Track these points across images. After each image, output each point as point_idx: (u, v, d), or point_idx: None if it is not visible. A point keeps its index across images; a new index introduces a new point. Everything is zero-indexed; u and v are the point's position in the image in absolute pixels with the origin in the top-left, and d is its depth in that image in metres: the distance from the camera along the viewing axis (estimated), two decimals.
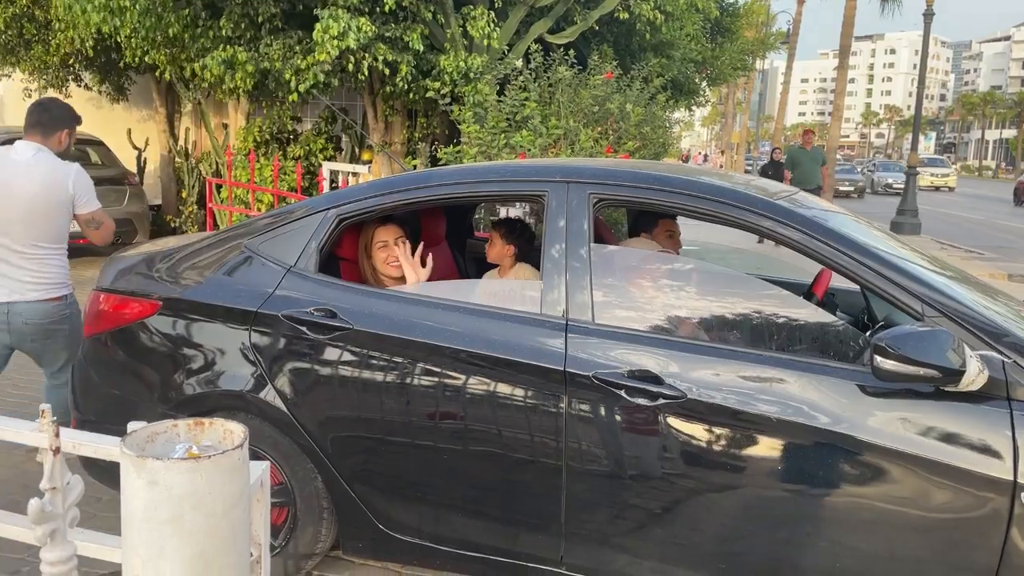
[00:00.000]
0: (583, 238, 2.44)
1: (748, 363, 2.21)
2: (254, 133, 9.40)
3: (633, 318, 2.43)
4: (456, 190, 2.63)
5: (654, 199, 2.44)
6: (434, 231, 3.57)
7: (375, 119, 9.33)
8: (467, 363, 2.40)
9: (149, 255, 2.94)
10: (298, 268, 2.68)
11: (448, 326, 2.45)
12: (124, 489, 0.99)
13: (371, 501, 2.56)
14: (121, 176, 9.21)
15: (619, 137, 6.36)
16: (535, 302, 2.43)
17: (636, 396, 2.24)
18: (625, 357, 2.28)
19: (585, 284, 2.40)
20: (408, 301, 2.56)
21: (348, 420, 2.53)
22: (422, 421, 2.45)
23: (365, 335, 2.50)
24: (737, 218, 2.35)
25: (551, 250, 2.45)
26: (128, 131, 11.04)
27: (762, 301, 2.47)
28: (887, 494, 2.05)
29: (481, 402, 2.39)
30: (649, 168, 2.69)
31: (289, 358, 2.58)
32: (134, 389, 2.80)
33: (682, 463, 2.22)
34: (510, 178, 2.62)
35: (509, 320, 2.43)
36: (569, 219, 2.47)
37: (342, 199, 2.73)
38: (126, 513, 0.98)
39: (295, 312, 2.58)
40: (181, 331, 2.73)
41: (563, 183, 2.51)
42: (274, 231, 2.77)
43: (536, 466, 2.34)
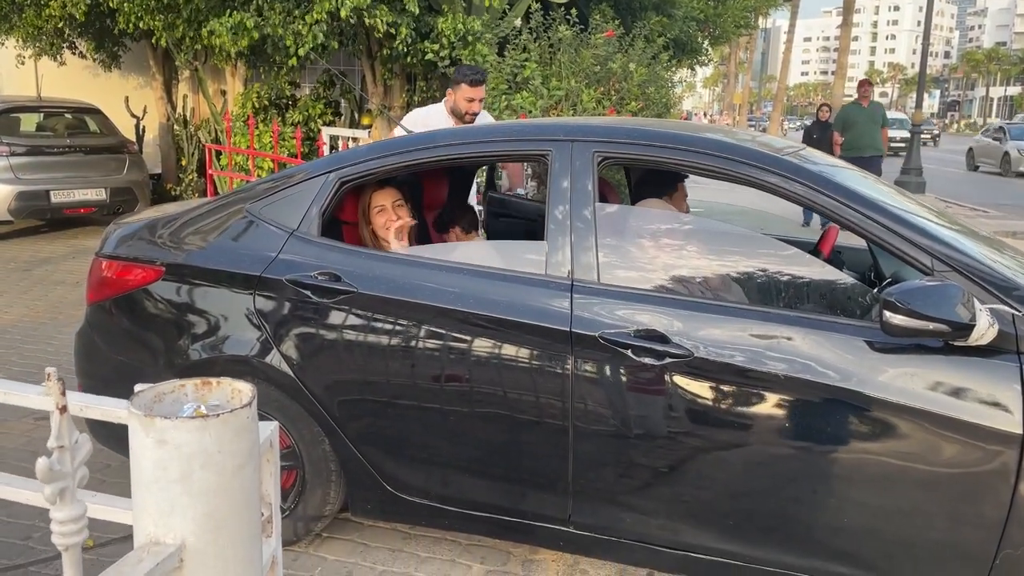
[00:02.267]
0: (588, 198, 2.41)
1: (756, 321, 2.20)
2: (252, 99, 9.30)
3: (639, 278, 2.41)
4: (458, 151, 2.59)
5: (660, 156, 2.40)
6: (436, 194, 3.54)
7: (374, 83, 9.22)
8: (472, 325, 2.39)
9: (151, 221, 2.92)
10: (301, 232, 2.66)
11: (453, 288, 2.44)
12: (133, 449, 0.98)
13: (379, 463, 2.57)
14: (120, 145, 9.14)
15: (622, 97, 6.29)
16: (540, 263, 2.42)
17: (643, 355, 2.23)
18: (631, 317, 2.27)
19: (590, 244, 2.38)
20: (412, 263, 2.55)
21: (354, 383, 2.53)
22: (428, 383, 2.44)
23: (370, 298, 2.49)
24: (743, 174, 2.32)
25: (555, 211, 2.43)
26: (126, 99, 10.93)
27: (769, 259, 2.46)
28: (895, 450, 2.05)
29: (487, 363, 2.38)
30: (654, 125, 2.65)
31: (294, 322, 2.57)
32: (139, 355, 2.80)
33: (689, 421, 2.22)
34: (513, 137, 2.59)
35: (514, 281, 2.41)
36: (573, 179, 2.44)
37: (343, 162, 2.70)
38: (135, 473, 0.98)
39: (299, 276, 2.57)
40: (185, 297, 2.72)
41: (567, 142, 2.48)
42: (276, 195, 2.74)
43: (543, 426, 2.35)
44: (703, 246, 2.54)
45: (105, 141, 9.03)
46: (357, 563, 2.64)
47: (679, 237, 2.56)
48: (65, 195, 8.44)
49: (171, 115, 10.84)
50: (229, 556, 0.99)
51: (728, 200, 3.95)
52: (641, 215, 2.71)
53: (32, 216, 8.45)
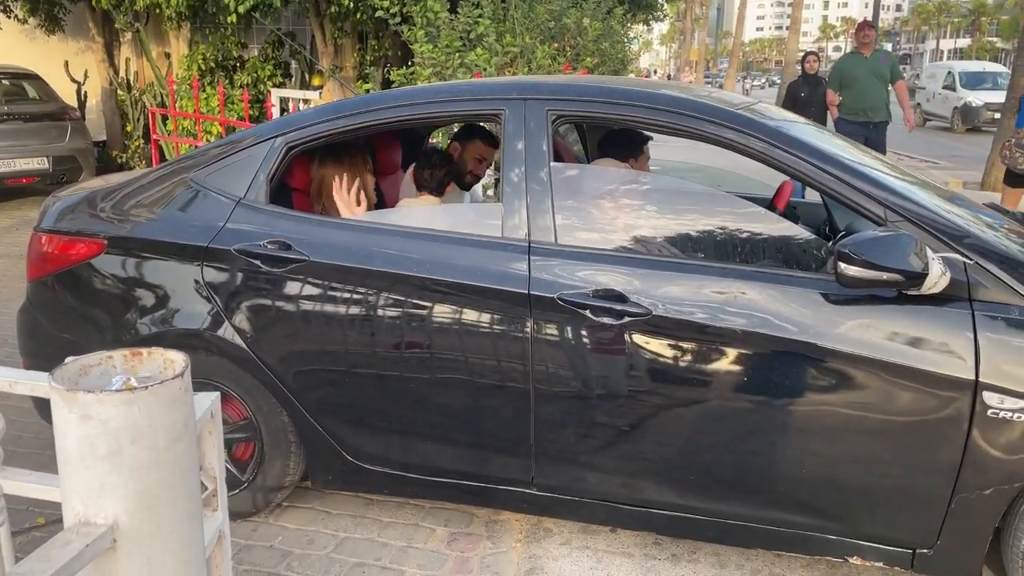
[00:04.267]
0: (543, 158, 2.37)
1: (713, 277, 2.19)
2: (198, 61, 8.99)
3: (597, 238, 2.38)
4: (408, 112, 2.52)
5: (615, 113, 2.36)
6: (390, 158, 3.47)
7: (324, 43, 8.96)
8: (429, 290, 2.35)
9: (91, 193, 2.81)
10: (248, 200, 2.58)
11: (407, 253, 2.39)
12: (56, 426, 0.93)
13: (338, 433, 2.53)
14: (61, 111, 8.80)
15: (577, 53, 6.19)
16: (496, 226, 2.37)
17: (601, 315, 2.21)
18: (590, 277, 2.25)
19: (547, 206, 2.34)
20: (365, 230, 2.49)
21: (309, 354, 2.48)
22: (386, 351, 2.40)
23: (322, 266, 2.43)
24: (699, 130, 2.29)
25: (510, 172, 2.38)
26: (65, 63, 10.50)
27: (725, 215, 2.44)
28: (852, 400, 2.07)
29: (445, 329, 2.35)
30: (609, 82, 2.61)
31: (245, 293, 2.50)
32: (85, 332, 2.71)
33: (649, 380, 2.22)
34: (464, 97, 2.52)
35: (470, 245, 2.37)
36: (528, 138, 2.39)
37: (289, 126, 2.61)
38: (61, 451, 0.93)
39: (247, 246, 2.49)
40: (130, 271, 2.63)
41: (520, 100, 2.42)
42: (220, 162, 2.65)
43: (504, 390, 2.33)
44: (660, 204, 2.52)
45: (45, 108, 8.68)
46: (318, 531, 2.61)
47: (636, 196, 2.53)
48: (5, 165, 8.13)
49: (114, 80, 10.47)
50: (166, 535, 0.95)
51: (684, 158, 3.92)
52: (597, 175, 2.68)
53: None
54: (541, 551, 2.50)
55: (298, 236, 2.48)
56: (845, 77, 7.67)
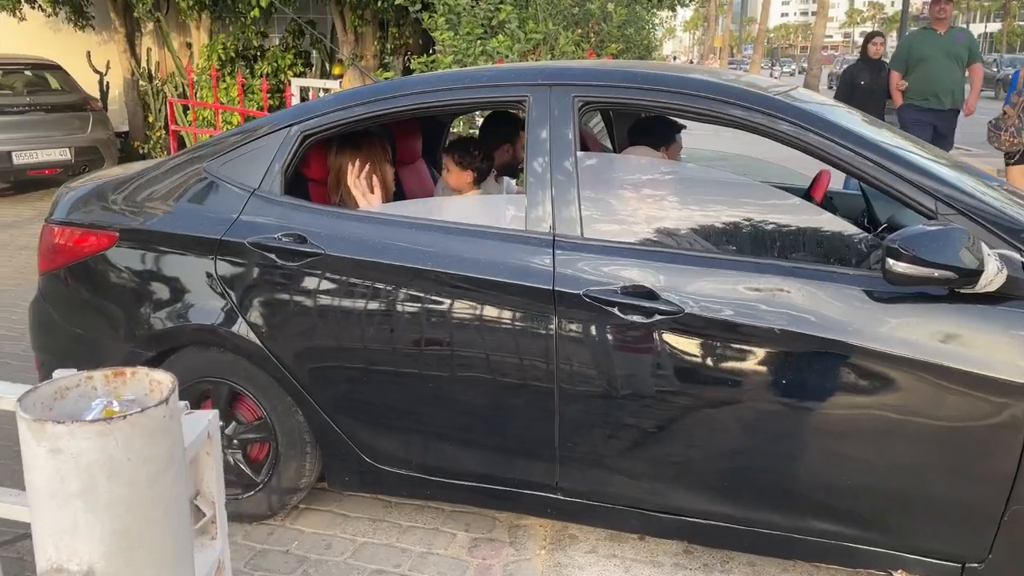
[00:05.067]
0: (568, 147, 2.25)
1: (748, 273, 2.06)
2: (218, 51, 8.93)
3: (625, 231, 2.27)
4: (427, 99, 2.41)
5: (643, 99, 2.23)
6: (409, 147, 3.36)
7: (344, 31, 8.86)
8: (448, 286, 2.25)
9: (103, 184, 2.73)
10: (262, 191, 2.48)
11: (427, 247, 2.29)
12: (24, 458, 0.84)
13: (355, 433, 2.44)
14: (83, 102, 8.79)
15: (601, 40, 6.04)
16: (520, 219, 2.26)
17: (630, 313, 2.10)
18: (617, 273, 2.13)
19: (572, 197, 2.22)
20: (384, 222, 2.39)
21: (325, 350, 2.39)
22: (404, 348, 2.31)
23: (339, 260, 2.34)
24: (730, 115, 2.16)
25: (534, 162, 2.27)
26: (87, 54, 10.50)
27: (760, 206, 2.32)
28: (899, 404, 1.94)
29: (465, 326, 2.24)
30: (637, 67, 2.48)
31: (259, 288, 2.42)
32: (97, 327, 2.64)
33: (681, 381, 2.10)
34: (487, 83, 2.40)
35: (491, 238, 2.26)
36: (553, 126, 2.27)
37: (305, 114, 2.51)
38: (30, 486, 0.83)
39: (262, 239, 2.40)
40: (142, 263, 2.55)
41: (545, 87, 2.30)
42: (234, 152, 2.56)
43: (527, 390, 2.22)
44: (692, 195, 2.39)
45: (67, 99, 8.68)
46: (336, 535, 2.53)
47: (666, 186, 2.41)
48: (28, 156, 8.14)
49: (136, 70, 10.45)
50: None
51: (712, 145, 3.77)
52: (625, 164, 2.55)
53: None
54: (566, 559, 2.40)
55: (314, 229, 2.39)
56: (913, 57, 6.63)
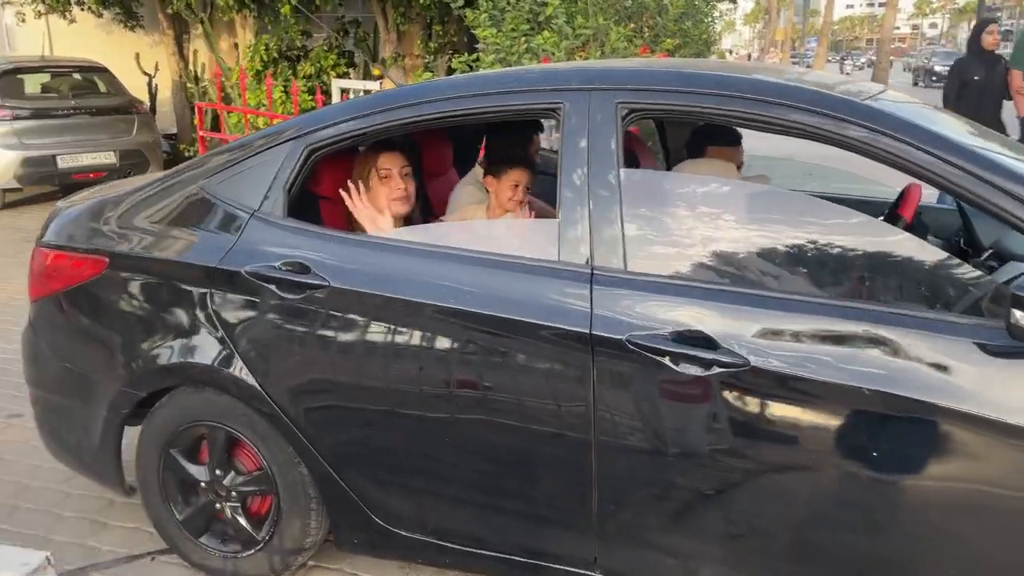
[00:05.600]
0: (611, 161, 1.90)
1: (831, 318, 1.69)
2: (260, 52, 8.77)
3: (678, 264, 1.91)
4: (449, 107, 2.08)
5: (700, 106, 1.86)
6: (438, 157, 3.05)
7: (386, 30, 8.61)
8: (468, 326, 1.92)
9: (96, 203, 2.48)
10: (263, 213, 2.19)
11: (444, 280, 1.96)
12: None
13: (364, 491, 2.13)
14: (129, 105, 8.72)
15: (656, 35, 5.65)
16: (551, 247, 1.92)
17: (684, 364, 1.74)
18: (668, 314, 1.78)
19: (614, 220, 1.87)
20: (395, 250, 2.07)
21: (329, 396, 2.09)
22: (418, 397, 1.99)
23: (345, 294, 2.03)
24: (816, 128, 1.77)
25: (570, 178, 1.92)
26: (136, 56, 10.49)
27: (844, 233, 1.93)
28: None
29: (489, 373, 1.92)
30: (692, 67, 2.11)
31: (256, 323, 2.12)
32: (87, 362, 2.39)
33: (746, 446, 1.74)
34: (516, 88, 2.06)
35: (519, 270, 1.92)
36: (592, 137, 1.92)
37: (311, 125, 2.21)
38: None
39: (260, 268, 2.11)
40: (132, 293, 2.29)
41: (583, 91, 1.95)
42: (233, 168, 2.27)
43: (559, 450, 1.88)
44: (759, 219, 2.01)
45: (112, 101, 8.62)
46: None
47: (727, 209, 2.03)
48: (72, 160, 8.09)
49: (183, 72, 10.39)
50: None
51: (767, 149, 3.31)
52: (678, 182, 2.18)
53: (40, 182, 8.12)
54: None
55: (318, 257, 2.09)
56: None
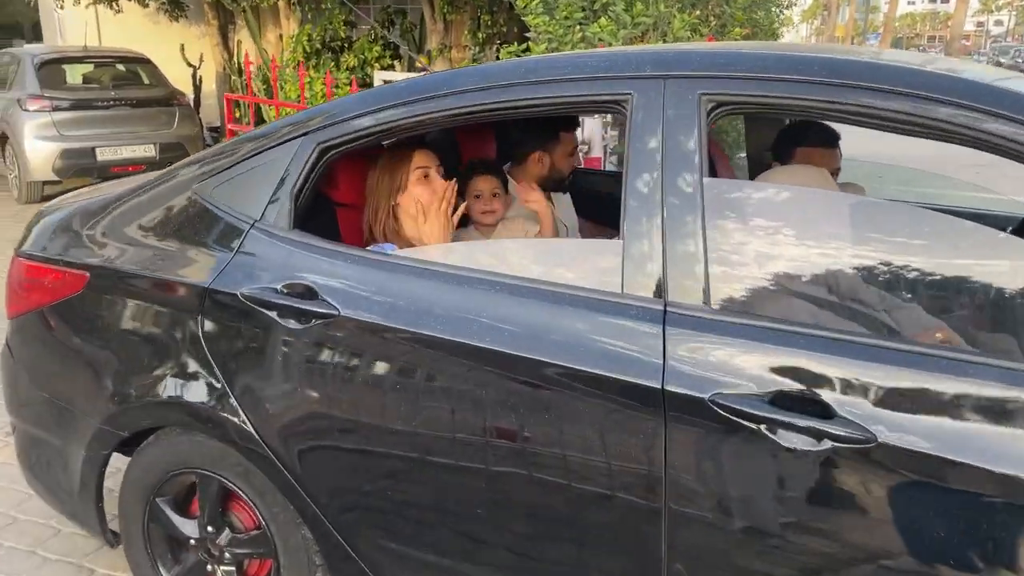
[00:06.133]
0: (691, 166, 1.49)
1: (985, 383, 1.26)
2: (303, 43, 8.49)
3: (779, 301, 1.50)
4: (484, 100, 1.68)
5: (817, 101, 1.43)
6: (478, 154, 2.66)
7: (432, 19, 8.24)
8: (507, 372, 1.53)
9: (80, 208, 2.15)
10: (265, 223, 1.83)
11: (480, 315, 1.57)
12: None
13: (379, 562, 1.76)
14: (170, 96, 8.54)
15: (723, 24, 5.18)
16: (613, 276, 1.52)
17: (785, 433, 1.33)
18: (765, 369, 1.36)
19: (695, 242, 1.46)
20: (420, 274, 1.69)
21: (338, 449, 1.72)
22: (444, 455, 1.61)
23: (358, 326, 1.66)
24: (956, 125, 1.34)
25: (637, 188, 1.52)
26: (181, 47, 10.33)
27: (992, 265, 1.49)
28: None
29: (533, 429, 1.53)
30: (796, 50, 1.68)
31: (253, 356, 1.77)
32: (65, 393, 2.06)
33: (864, 540, 1.32)
34: (571, 75, 1.65)
35: (572, 304, 1.53)
36: (668, 136, 1.51)
37: (323, 120, 1.83)
38: None
39: (259, 291, 1.75)
40: (115, 315, 1.95)
41: (656, 79, 1.55)
42: (232, 170, 1.91)
43: (620, 532, 1.49)
44: (884, 244, 1.58)
45: (153, 93, 8.44)
46: None
47: (840, 229, 1.59)
48: (112, 152, 7.93)
49: (227, 63, 10.19)
50: None
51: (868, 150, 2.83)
52: (777, 194, 1.75)
53: (79, 175, 7.95)
54: None
55: (328, 279, 1.72)
56: None
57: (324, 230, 1.94)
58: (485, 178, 2.40)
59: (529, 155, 2.64)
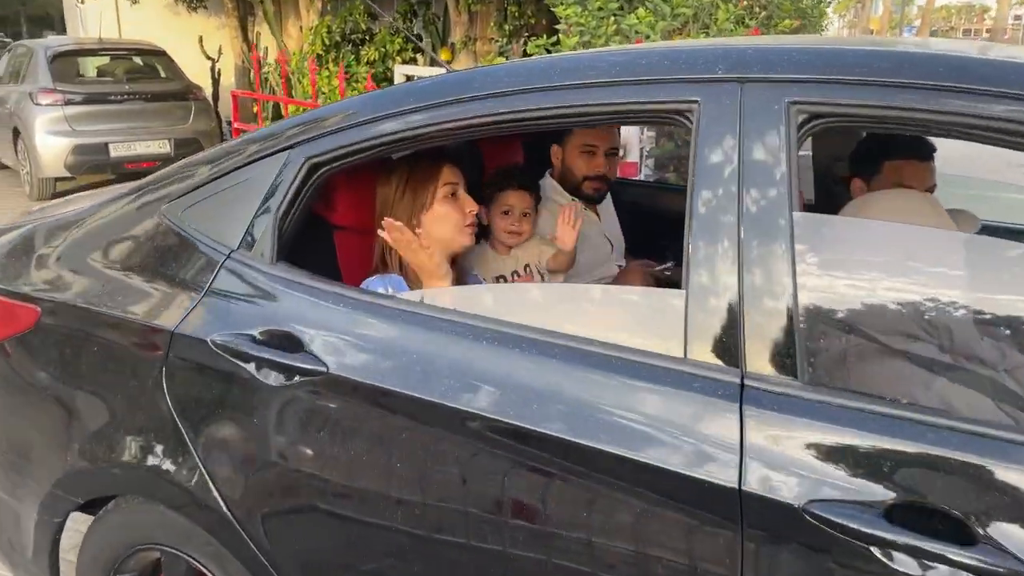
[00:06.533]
0: (778, 197, 1.14)
1: None
2: (322, 35, 8.20)
3: (887, 369, 1.15)
4: (508, 107, 1.35)
5: (955, 115, 1.08)
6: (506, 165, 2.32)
7: (457, 10, 7.91)
8: (538, 455, 1.20)
9: (36, 229, 1.84)
10: (242, 254, 1.51)
11: (502, 381, 1.24)
12: None
13: None
14: (186, 90, 8.28)
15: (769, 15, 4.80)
16: (673, 336, 1.18)
17: (907, 560, 0.99)
18: (880, 468, 1.02)
19: (782, 295, 1.12)
20: (430, 323, 1.35)
21: (323, 535, 1.40)
22: (453, 547, 1.28)
23: (351, 387, 1.34)
24: None
25: (705, 223, 1.18)
26: (199, 39, 10.08)
27: None
28: None
29: (567, 527, 1.19)
30: (907, 47, 1.33)
31: (225, 416, 1.45)
32: (15, 444, 1.76)
33: None
34: (615, 79, 1.31)
35: (618, 371, 1.19)
36: (745, 157, 1.17)
37: (313, 129, 1.51)
38: None
39: (232, 338, 1.43)
40: (67, 357, 1.65)
41: (732, 83, 1.20)
42: (206, 188, 1.60)
43: None
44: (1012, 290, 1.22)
45: (169, 87, 8.19)
46: None
47: (963, 275, 1.24)
48: (125, 148, 7.69)
49: (246, 57, 9.94)
50: None
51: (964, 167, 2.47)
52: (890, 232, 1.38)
53: (91, 171, 7.73)
54: None
55: (315, 327, 1.40)
56: None
57: (319, 258, 1.63)
58: (519, 194, 2.09)
59: None
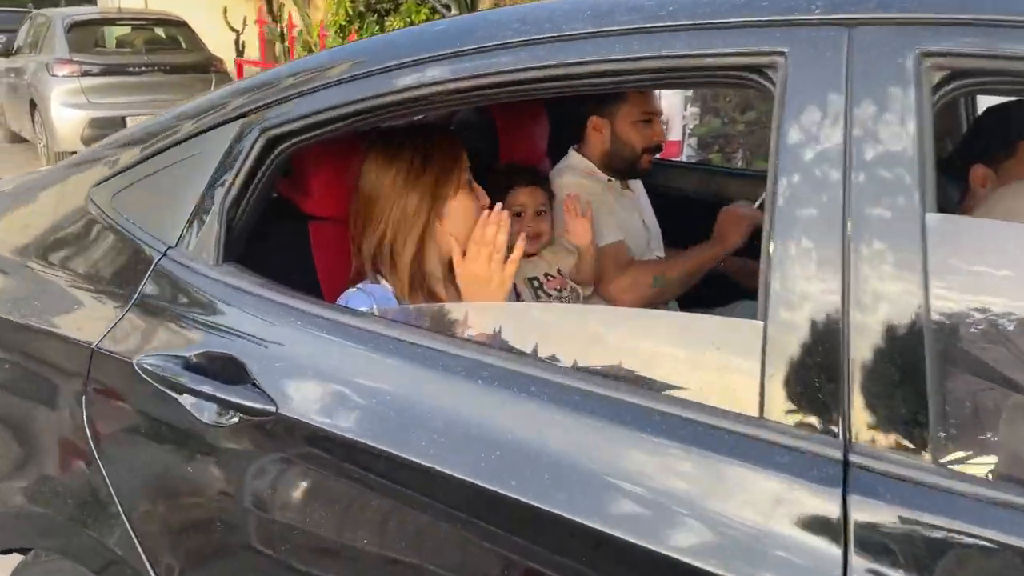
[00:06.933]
0: (903, 189, 0.78)
1: None
2: (345, 5, 7.85)
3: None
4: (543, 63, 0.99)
5: None
6: (523, 141, 1.95)
7: None
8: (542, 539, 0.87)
9: None
10: (181, 252, 1.18)
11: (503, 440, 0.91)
12: None
13: None
14: (206, 62, 8.00)
15: None
16: (746, 381, 0.83)
17: None
18: None
19: (909, 332, 0.76)
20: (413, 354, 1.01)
21: None
22: None
23: (305, 435, 1.01)
24: None
25: (793, 224, 0.82)
26: (224, 10, 9.79)
27: None
28: None
29: None
30: None
31: (152, 459, 1.14)
32: None
33: None
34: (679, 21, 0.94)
35: (667, 435, 0.84)
36: (854, 131, 0.81)
37: (272, 93, 1.17)
38: None
39: (162, 360, 1.11)
40: None
41: (835, 26, 0.84)
42: (141, 167, 1.27)
43: None
44: None
45: (189, 58, 7.91)
46: None
47: None
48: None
49: (271, 28, 9.63)
50: None
51: None
52: None
53: None
54: None
55: (264, 352, 1.07)
56: None
57: (289, 258, 1.30)
58: (529, 190, 1.78)
59: (583, 126, 1.96)
